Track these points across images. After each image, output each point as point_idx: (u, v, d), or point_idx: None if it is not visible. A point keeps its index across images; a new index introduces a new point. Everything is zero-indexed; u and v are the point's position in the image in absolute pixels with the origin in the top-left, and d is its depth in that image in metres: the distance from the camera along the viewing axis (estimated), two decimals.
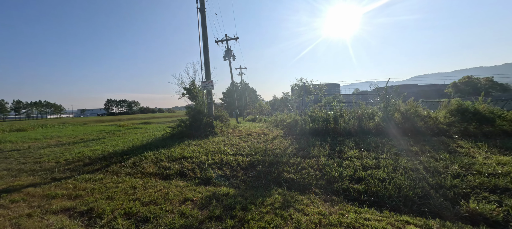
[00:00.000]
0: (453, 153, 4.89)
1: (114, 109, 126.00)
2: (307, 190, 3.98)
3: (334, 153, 5.40)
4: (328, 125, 7.97)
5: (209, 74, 9.76)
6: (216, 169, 4.98)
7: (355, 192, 3.70)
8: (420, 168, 4.23)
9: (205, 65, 9.72)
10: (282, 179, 4.38)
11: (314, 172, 4.49)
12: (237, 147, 6.49)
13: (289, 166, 4.84)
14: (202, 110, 9.76)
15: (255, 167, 4.98)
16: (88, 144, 9.19)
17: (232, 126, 10.41)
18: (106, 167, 5.62)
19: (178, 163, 5.43)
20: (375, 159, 4.80)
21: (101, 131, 15.93)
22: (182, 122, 9.51)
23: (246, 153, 5.85)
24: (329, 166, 4.56)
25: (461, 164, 4.20)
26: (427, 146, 5.38)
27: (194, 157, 5.74)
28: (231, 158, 5.48)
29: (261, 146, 6.46)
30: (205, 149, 6.42)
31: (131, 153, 6.68)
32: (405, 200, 3.43)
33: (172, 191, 3.84)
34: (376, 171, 4.20)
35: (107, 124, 28.66)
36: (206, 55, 9.68)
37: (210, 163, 5.31)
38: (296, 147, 6.10)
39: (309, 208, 3.13)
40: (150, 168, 5.28)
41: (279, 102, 57.16)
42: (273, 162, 5.07)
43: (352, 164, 4.62)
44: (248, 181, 4.41)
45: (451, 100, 7.27)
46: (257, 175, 4.61)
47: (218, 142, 7.34)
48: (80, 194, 3.82)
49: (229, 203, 3.26)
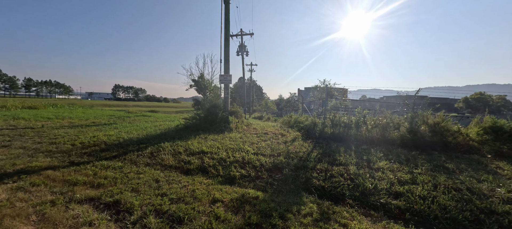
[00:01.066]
0: (494, 174, 4.54)
1: (121, 95, 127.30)
2: (340, 201, 3.72)
3: (362, 162, 5.10)
4: (349, 131, 7.65)
5: (228, 68, 9.50)
6: (238, 168, 4.74)
7: (396, 209, 3.41)
8: (462, 188, 3.90)
9: (224, 58, 9.47)
10: (311, 185, 4.12)
11: (345, 181, 4.21)
12: (256, 146, 6.24)
13: (316, 172, 4.57)
14: (217, 104, 9.53)
15: (281, 170, 4.73)
16: (100, 129, 9.07)
17: (246, 123, 10.17)
18: (124, 155, 5.44)
19: (197, 158, 5.22)
20: (409, 173, 4.49)
21: (111, 116, 15.90)
22: (197, 115, 9.31)
23: (268, 154, 5.60)
24: (361, 176, 4.27)
25: (509, 188, 3.87)
26: (463, 164, 5.04)
27: (214, 153, 5.52)
28: (253, 158, 5.24)
29: (281, 147, 6.20)
30: (224, 145, 6.19)
31: (147, 142, 6.50)
32: (454, 223, 3.13)
33: (197, 188, 3.62)
34: (414, 187, 3.90)
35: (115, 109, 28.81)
36: (226, 48, 9.42)
37: (232, 161, 5.07)
38: (320, 151, 5.82)
39: (353, 223, 2.86)
40: (169, 160, 5.08)
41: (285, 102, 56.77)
42: (299, 166, 4.81)
43: (385, 177, 4.32)
44: (275, 185, 4.16)
45: (484, 117, 6.85)
46: (284, 179, 4.36)
47: (236, 138, 7.10)
48: (103, 182, 3.63)
49: (263, 209, 3.02)
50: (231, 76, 9.52)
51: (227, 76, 9.53)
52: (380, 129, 7.46)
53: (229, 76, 9.52)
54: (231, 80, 9.56)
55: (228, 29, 9.38)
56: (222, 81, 9.60)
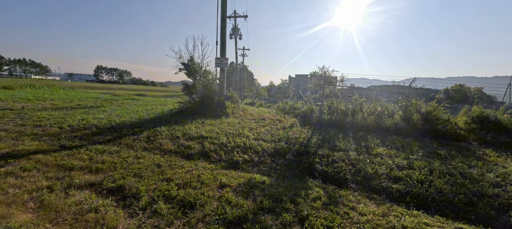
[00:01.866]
0: (482, 160, 4.83)
1: (104, 77, 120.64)
2: (343, 185, 3.81)
3: (361, 148, 5.22)
4: (346, 118, 7.78)
5: (225, 50, 9.14)
6: (241, 153, 4.69)
7: (397, 193, 3.55)
8: (455, 173, 4.12)
9: (221, 40, 9.07)
10: (314, 170, 4.17)
11: (347, 166, 4.31)
12: (256, 132, 6.19)
13: (319, 157, 4.63)
14: (213, 88, 9.25)
15: (283, 155, 4.74)
16: (88, 111, 8.58)
17: (241, 108, 10.04)
18: (118, 139, 5.19)
19: (197, 143, 5.09)
20: (406, 159, 4.67)
21: (97, 98, 15.09)
22: (192, 99, 9.01)
23: (268, 139, 5.57)
24: (361, 162, 4.38)
25: (497, 173, 4.14)
26: (454, 151, 5.31)
27: (214, 138, 5.41)
28: (254, 143, 5.19)
29: (281, 133, 6.19)
30: (223, 130, 6.08)
31: (141, 126, 6.24)
32: (450, 205, 3.32)
33: (202, 173, 3.54)
34: (412, 172, 4.06)
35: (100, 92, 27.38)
36: (223, 29, 8.99)
37: (233, 146, 5.00)
38: (319, 138, 5.88)
39: (360, 206, 2.94)
40: (167, 145, 4.91)
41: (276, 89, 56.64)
42: (301, 152, 4.84)
43: (384, 162, 4.47)
44: (279, 170, 4.17)
45: (473, 107, 7.20)
46: (287, 164, 4.38)
47: (234, 124, 7.00)
48: (101, 167, 3.44)
49: (272, 193, 3.01)
50: (227, 59, 9.20)
51: (224, 59, 9.19)
52: (375, 116, 7.65)
53: (225, 59, 9.19)
54: (228, 63, 9.25)
55: (225, 8, 8.90)
56: (218, 64, 9.27)
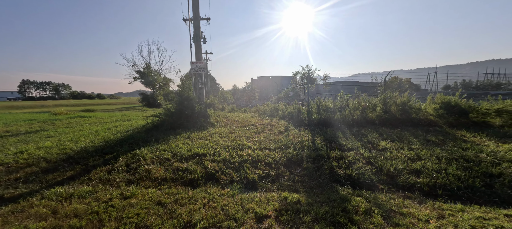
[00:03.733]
0: (468, 142, 5.32)
1: (33, 93, 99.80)
2: (372, 187, 3.58)
3: (366, 144, 5.19)
4: (334, 115, 7.85)
5: (200, 53, 8.23)
6: (252, 169, 4.05)
7: (426, 187, 3.50)
8: (457, 157, 4.37)
9: (195, 42, 8.13)
10: (337, 175, 3.86)
11: (365, 165, 4.14)
12: (255, 140, 5.60)
13: (334, 160, 4.35)
14: (191, 96, 8.22)
15: (298, 163, 4.29)
16: (24, 139, 6.53)
17: (223, 116, 9.24)
18: (86, 173, 3.92)
19: (196, 163, 4.22)
20: (410, 150, 4.79)
21: (31, 120, 11.96)
22: (167, 110, 7.79)
23: (272, 147, 5.06)
24: (377, 159, 4.28)
25: (486, 152, 4.56)
26: (440, 137, 5.76)
27: (212, 154, 4.61)
28: (260, 154, 4.61)
29: (281, 138, 5.75)
30: (218, 143, 5.29)
31: (112, 151, 4.96)
32: (472, 190, 3.41)
33: (224, 204, 2.80)
34: (424, 163, 4.13)
35: (31, 111, 22.20)
36: (197, 29, 8.07)
37: (239, 161, 4.32)
38: (321, 138, 5.66)
39: (412, 210, 2.70)
40: (158, 171, 3.91)
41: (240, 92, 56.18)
42: (315, 157, 4.49)
43: (394, 156, 4.47)
44: (302, 181, 3.71)
45: (436, 95, 8.15)
46: (308, 174, 3.94)
47: (226, 134, 6.24)
48: (77, 225, 2.35)
49: (321, 214, 2.53)
50: (204, 63, 8.32)
51: (200, 63, 8.28)
52: (360, 111, 7.94)
53: (202, 63, 8.29)
54: (206, 67, 8.34)
55: (197, 4, 7.99)
56: (195, 69, 8.30)
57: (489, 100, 8.18)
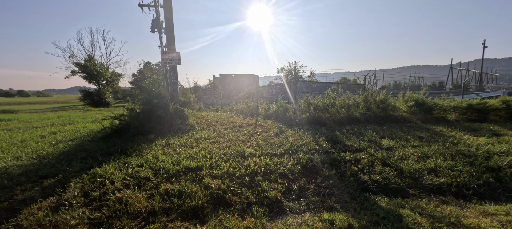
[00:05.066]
0: (450, 137, 5.68)
1: None
2: (402, 192, 3.25)
3: (370, 144, 4.98)
4: (323, 114, 7.63)
5: (173, 41, 6.83)
6: (267, 183, 3.25)
7: (453, 187, 3.35)
8: (455, 153, 4.50)
9: (166, 27, 6.70)
10: (363, 182, 3.40)
11: (385, 168, 3.82)
12: (253, 145, 4.78)
13: (352, 164, 3.92)
14: (162, 93, 6.75)
15: (316, 171, 3.69)
16: None
17: (200, 116, 8.02)
18: (9, 216, 2.41)
19: (192, 182, 3.16)
20: (413, 147, 4.77)
21: None
22: (131, 111, 6.16)
23: (277, 152, 4.34)
24: (391, 159, 4.04)
25: (475, 146, 4.86)
26: (426, 133, 6.06)
27: (210, 167, 3.61)
28: (268, 162, 3.83)
29: (280, 141, 5.08)
30: (211, 151, 4.27)
31: (54, 172, 3.40)
32: (489, 187, 3.42)
33: None
34: (434, 161, 4.08)
35: None
36: (168, 12, 6.64)
37: (247, 173, 3.45)
38: (323, 139, 5.23)
39: (471, 220, 2.39)
40: (138, 200, 2.71)
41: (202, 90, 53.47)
42: (331, 162, 3.96)
43: (404, 155, 4.34)
44: (331, 194, 3.10)
45: (406, 93, 8.83)
46: (332, 183, 3.37)
47: (215, 139, 5.21)
48: None
49: None
50: (179, 53, 6.94)
51: (174, 53, 6.88)
52: (345, 109, 7.94)
53: (176, 54, 6.90)
54: (179, 58, 6.99)
55: None
56: (168, 61, 6.85)
57: (443, 99, 9.30)
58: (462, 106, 8.52)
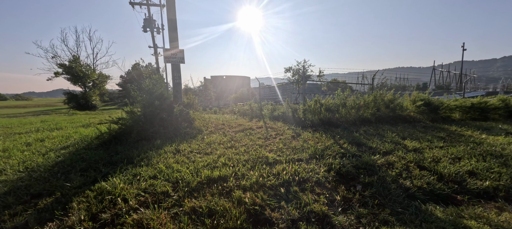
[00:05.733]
0: (468, 136, 5.57)
1: None
2: (450, 198, 2.97)
3: (394, 145, 4.72)
4: (334, 114, 7.37)
5: (176, 37, 6.30)
6: (306, 193, 2.86)
7: (502, 191, 3.11)
8: (483, 154, 4.35)
9: (169, 24, 6.16)
10: (410, 190, 3.10)
11: (421, 172, 3.56)
12: (273, 149, 4.38)
13: (387, 168, 3.61)
14: (164, 94, 6.19)
15: (352, 178, 3.35)
16: None
17: (205, 118, 7.51)
18: None
19: (219, 195, 2.71)
20: (439, 148, 4.58)
21: None
22: (131, 114, 5.56)
23: (303, 157, 3.97)
24: (424, 162, 3.79)
25: (497, 146, 4.75)
26: (443, 133, 5.92)
27: (235, 176, 3.16)
28: (297, 169, 3.45)
29: (301, 144, 4.71)
30: (230, 158, 3.82)
31: (49, 189, 2.81)
32: None
33: None
34: (469, 163, 3.88)
35: None
36: (171, 4, 6.11)
37: (280, 182, 3.04)
38: (346, 141, 4.92)
39: None
40: (165, 224, 2.23)
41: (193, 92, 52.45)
42: (364, 166, 3.64)
43: (435, 157, 4.11)
44: (381, 205, 2.76)
45: (412, 93, 8.79)
46: (376, 191, 3.03)
47: (230, 143, 4.75)
48: None
49: None
50: (183, 51, 6.42)
51: (177, 51, 6.35)
52: (355, 110, 7.73)
53: (180, 52, 6.37)
54: (183, 57, 6.47)
55: None
56: (170, 59, 6.30)
57: (446, 98, 9.37)
58: (466, 105, 8.58)
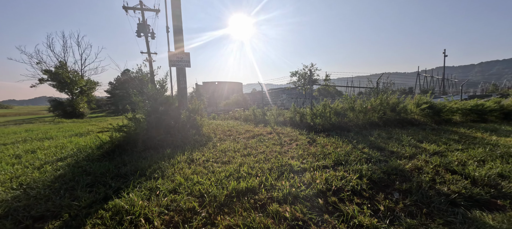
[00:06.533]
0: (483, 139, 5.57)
1: None
2: (491, 204, 2.83)
3: (415, 149, 4.62)
4: (342, 118, 7.26)
5: (182, 40, 6.00)
6: (345, 203, 2.62)
7: None
8: (502, 154, 4.33)
9: (175, 25, 5.87)
10: (450, 196, 2.93)
11: (452, 176, 3.43)
12: (294, 156, 4.13)
13: (417, 173, 3.46)
14: (169, 99, 5.83)
15: (386, 185, 3.15)
16: None
17: (209, 124, 7.17)
18: None
19: (255, 212, 2.42)
20: (461, 151, 4.52)
21: None
22: (135, 121, 5.15)
23: (327, 164, 3.75)
24: (452, 165, 3.68)
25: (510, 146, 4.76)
26: (455, 135, 5.92)
27: (263, 187, 2.88)
28: (329, 178, 3.22)
29: (322, 150, 4.50)
30: (253, 167, 3.54)
31: (57, 211, 2.42)
32: None
33: None
34: (495, 166, 3.81)
35: None
36: (176, 7, 5.85)
37: (314, 193, 2.79)
38: (364, 146, 4.76)
39: None
40: None
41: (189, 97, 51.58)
42: (396, 172, 3.47)
43: (460, 160, 4.01)
44: (427, 214, 2.56)
45: (415, 96, 8.89)
46: (417, 199, 2.84)
47: (246, 151, 4.47)
48: None
49: None
50: (188, 54, 6.12)
51: (183, 55, 6.04)
52: (363, 113, 7.67)
53: (186, 55, 6.07)
54: (189, 60, 6.16)
55: None
56: (175, 63, 5.97)
57: (443, 100, 9.55)
58: (466, 107, 8.77)
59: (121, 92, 55.10)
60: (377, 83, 8.61)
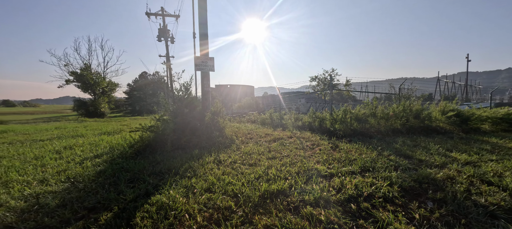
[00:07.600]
0: None
1: None
2: None
3: (444, 158, 4.47)
4: (364, 125, 7.15)
5: (207, 44, 6.25)
6: (380, 210, 2.62)
7: None
8: None
9: (200, 31, 6.13)
10: (489, 209, 2.84)
11: (488, 187, 3.30)
12: (319, 161, 4.16)
13: (450, 183, 3.36)
14: (194, 101, 6.07)
15: (417, 193, 3.10)
16: None
17: (235, 127, 7.34)
18: None
19: (288, 213, 2.49)
20: (491, 161, 4.32)
21: None
22: (163, 122, 5.42)
23: (356, 170, 3.74)
24: (487, 176, 3.54)
25: None
26: (486, 145, 5.64)
27: (294, 190, 2.95)
28: (358, 184, 3.22)
29: (347, 156, 4.48)
30: (280, 171, 3.61)
31: (106, 203, 2.63)
32: None
33: None
34: None
35: None
36: (202, 13, 6.11)
37: (346, 198, 2.82)
38: (390, 153, 4.68)
39: None
40: None
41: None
42: (428, 181, 3.40)
43: (495, 171, 3.84)
44: (466, 226, 2.51)
45: (440, 103, 8.56)
46: (453, 209, 2.78)
47: (271, 154, 4.55)
48: None
49: None
50: (213, 59, 6.36)
51: (208, 59, 6.29)
52: (385, 120, 7.51)
53: (210, 60, 6.31)
54: (213, 65, 6.39)
55: None
56: (200, 67, 6.23)
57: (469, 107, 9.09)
58: (497, 116, 8.31)
59: (138, 93, 57.38)
60: (399, 89, 8.39)
